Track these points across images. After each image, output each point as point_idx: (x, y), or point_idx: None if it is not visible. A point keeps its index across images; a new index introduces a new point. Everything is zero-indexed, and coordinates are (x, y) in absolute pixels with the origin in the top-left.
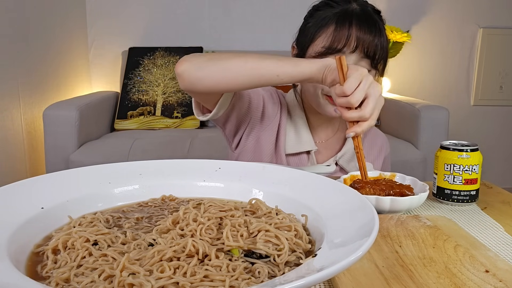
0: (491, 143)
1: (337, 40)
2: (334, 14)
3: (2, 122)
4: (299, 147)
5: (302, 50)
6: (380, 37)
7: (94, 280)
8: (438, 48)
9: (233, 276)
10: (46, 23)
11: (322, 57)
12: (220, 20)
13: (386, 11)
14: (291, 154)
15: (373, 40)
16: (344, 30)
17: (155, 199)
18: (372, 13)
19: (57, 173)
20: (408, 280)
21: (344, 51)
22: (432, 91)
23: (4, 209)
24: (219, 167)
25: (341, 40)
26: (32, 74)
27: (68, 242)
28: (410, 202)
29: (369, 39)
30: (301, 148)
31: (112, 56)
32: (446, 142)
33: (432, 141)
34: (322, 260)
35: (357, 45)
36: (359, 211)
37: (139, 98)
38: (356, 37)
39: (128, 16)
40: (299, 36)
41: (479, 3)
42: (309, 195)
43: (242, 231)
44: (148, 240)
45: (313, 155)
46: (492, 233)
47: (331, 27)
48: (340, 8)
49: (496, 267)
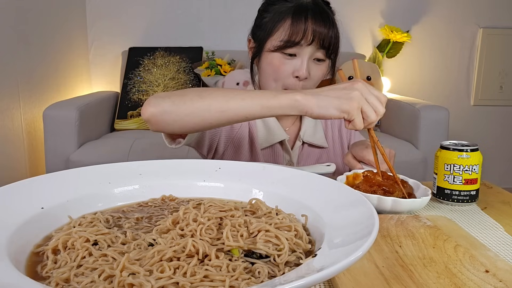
0: (491, 143)
1: (295, 33)
2: (290, 8)
3: (2, 122)
4: (272, 139)
5: (259, 44)
6: (333, 28)
7: (94, 280)
8: (438, 48)
9: (233, 276)
10: (46, 23)
11: (281, 50)
12: (220, 20)
13: (386, 11)
14: (265, 148)
15: (328, 32)
16: (301, 23)
17: (155, 199)
18: (324, 5)
19: (57, 173)
20: (408, 280)
21: (302, 44)
22: (432, 91)
23: (4, 209)
24: (219, 167)
25: (298, 34)
26: (32, 74)
27: (68, 242)
28: (412, 204)
29: (324, 31)
30: (274, 139)
31: (112, 56)
32: (446, 142)
33: (432, 141)
34: (322, 260)
35: (314, 37)
36: (359, 211)
37: (139, 98)
38: (313, 30)
39: (128, 16)
40: (255, 29)
41: (479, 3)
42: (309, 195)
43: (242, 231)
44: (148, 240)
45: (286, 143)
46: (492, 233)
47: (288, 21)
48: (294, 2)
49: (496, 267)
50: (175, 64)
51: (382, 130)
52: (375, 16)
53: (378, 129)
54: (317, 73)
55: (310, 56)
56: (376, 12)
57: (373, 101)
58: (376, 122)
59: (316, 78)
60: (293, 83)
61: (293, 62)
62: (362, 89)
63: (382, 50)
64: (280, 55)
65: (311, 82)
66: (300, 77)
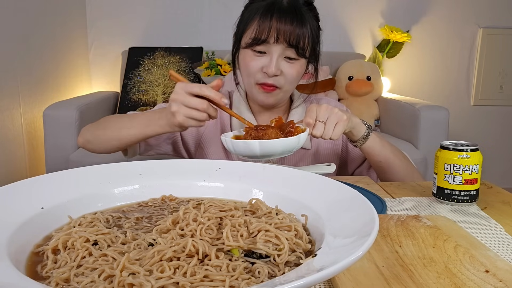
0: (491, 143)
1: (260, 31)
2: (261, 7)
3: (2, 122)
4: None
5: (236, 40)
6: (303, 27)
7: (94, 280)
8: (438, 48)
9: (233, 276)
10: (46, 23)
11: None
12: (220, 20)
13: (386, 11)
14: None
15: (294, 30)
16: (266, 22)
17: (155, 199)
18: (300, 5)
19: (57, 173)
20: (408, 280)
21: (269, 41)
22: (432, 91)
23: (4, 209)
24: (219, 167)
25: (263, 32)
26: (32, 74)
27: (68, 242)
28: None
29: (289, 29)
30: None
31: (112, 56)
32: (446, 142)
33: (432, 141)
34: (322, 260)
35: (278, 35)
36: (359, 211)
37: (139, 98)
38: (277, 28)
39: (128, 16)
40: (236, 26)
41: (479, 3)
42: (309, 195)
43: (242, 231)
44: (148, 240)
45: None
46: (492, 233)
47: (256, 20)
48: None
49: (496, 267)
50: (175, 64)
51: (382, 130)
52: (375, 16)
53: (378, 129)
54: (290, 71)
55: (280, 54)
56: (376, 12)
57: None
58: (376, 122)
59: (290, 76)
60: (263, 78)
61: (263, 59)
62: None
63: (382, 50)
64: (251, 52)
65: (285, 79)
66: (268, 73)
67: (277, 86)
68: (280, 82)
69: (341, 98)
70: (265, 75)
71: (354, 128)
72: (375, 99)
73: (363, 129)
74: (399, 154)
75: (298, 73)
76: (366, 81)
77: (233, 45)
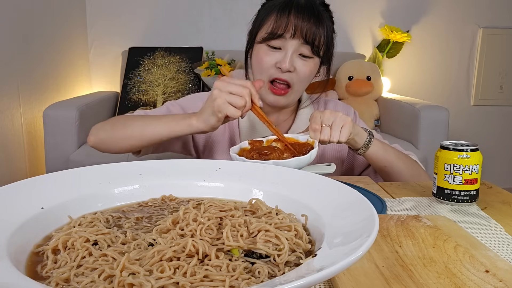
0: (491, 143)
1: (278, 26)
2: (278, 4)
3: (2, 122)
4: (255, 136)
5: (251, 36)
6: (319, 26)
7: (94, 280)
8: (438, 48)
9: (233, 276)
10: (46, 23)
11: (266, 42)
12: (220, 20)
13: (386, 11)
14: None
15: (311, 27)
16: (284, 17)
17: (155, 199)
18: (317, 4)
19: (57, 173)
20: (408, 280)
21: (285, 36)
22: (432, 91)
23: (4, 209)
24: (219, 167)
25: (281, 26)
26: (32, 74)
27: (68, 242)
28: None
29: (306, 26)
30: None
31: (112, 56)
32: (446, 142)
33: (432, 141)
34: (322, 260)
35: (295, 30)
36: (359, 211)
37: (139, 98)
38: (295, 24)
39: (128, 16)
40: (251, 25)
41: (479, 3)
42: (309, 195)
43: (242, 231)
44: (148, 240)
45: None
46: (492, 233)
47: (274, 15)
48: None
49: (496, 267)
50: (175, 64)
51: (382, 130)
52: (375, 16)
53: (378, 129)
54: (303, 69)
55: (294, 50)
56: (376, 12)
57: (234, 89)
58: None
59: (302, 73)
60: (276, 73)
61: (277, 55)
62: (220, 85)
63: (382, 50)
64: (266, 47)
65: (297, 76)
66: (282, 68)
67: (289, 82)
68: (292, 79)
69: (341, 98)
70: (278, 70)
71: (357, 135)
72: (375, 99)
73: (364, 136)
74: (403, 156)
75: (310, 72)
76: (366, 81)
77: (247, 42)
